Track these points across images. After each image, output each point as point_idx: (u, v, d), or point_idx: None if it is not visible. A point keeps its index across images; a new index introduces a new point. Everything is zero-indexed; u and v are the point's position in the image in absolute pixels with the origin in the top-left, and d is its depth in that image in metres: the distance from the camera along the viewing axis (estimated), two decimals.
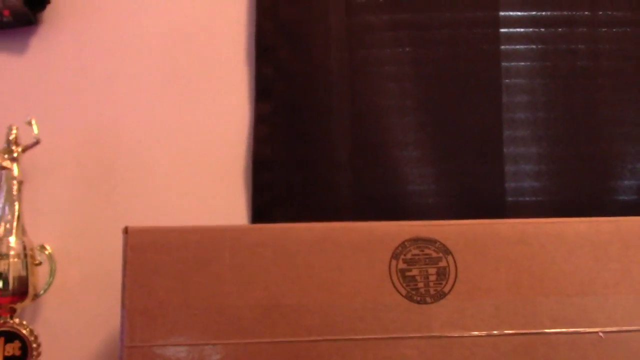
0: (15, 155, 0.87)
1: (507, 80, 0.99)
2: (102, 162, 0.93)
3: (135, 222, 0.75)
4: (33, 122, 0.88)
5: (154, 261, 0.64)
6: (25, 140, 0.88)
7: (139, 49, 0.95)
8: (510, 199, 0.97)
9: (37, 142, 0.88)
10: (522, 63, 0.99)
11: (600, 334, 0.65)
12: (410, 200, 0.96)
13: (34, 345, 0.82)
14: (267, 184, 0.94)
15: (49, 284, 0.87)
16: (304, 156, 0.95)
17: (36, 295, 0.85)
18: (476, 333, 0.65)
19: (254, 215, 0.93)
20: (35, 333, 0.83)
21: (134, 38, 0.95)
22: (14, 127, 0.87)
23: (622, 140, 0.98)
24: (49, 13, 0.95)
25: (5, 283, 0.82)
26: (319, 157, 0.95)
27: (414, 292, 0.65)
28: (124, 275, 0.64)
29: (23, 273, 0.83)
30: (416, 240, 0.66)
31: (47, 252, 0.87)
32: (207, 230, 0.66)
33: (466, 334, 0.65)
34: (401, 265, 0.65)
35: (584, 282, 0.66)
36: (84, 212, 0.91)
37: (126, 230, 0.65)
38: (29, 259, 0.84)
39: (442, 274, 0.66)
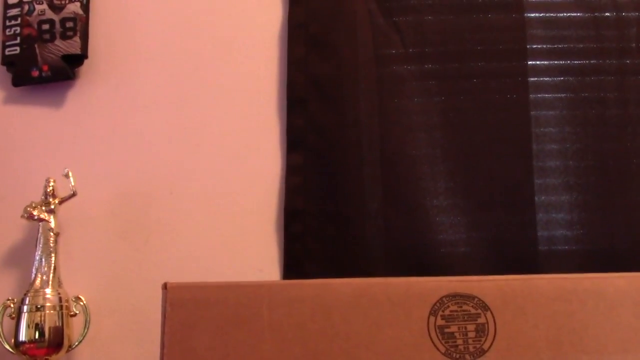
0: (52, 207, 0.88)
1: (536, 129, 0.99)
2: (136, 214, 0.94)
3: (168, 274, 0.76)
4: (70, 174, 0.89)
5: (193, 318, 0.64)
6: (62, 193, 0.89)
7: (173, 104, 0.97)
8: (542, 247, 0.96)
9: (73, 194, 0.89)
10: (552, 112, 1.00)
11: None
12: (442, 250, 0.96)
13: None
14: (299, 235, 0.94)
15: (84, 336, 0.87)
16: (335, 207, 0.95)
17: (70, 347, 0.86)
18: None
19: (286, 266, 0.93)
20: None
21: (168, 93, 0.97)
22: (52, 180, 0.89)
23: None
24: (86, 68, 0.97)
25: (41, 334, 0.83)
26: (350, 208, 0.95)
27: (453, 350, 0.64)
28: (163, 332, 0.64)
29: (58, 324, 0.84)
30: (454, 296, 0.66)
31: (82, 304, 0.88)
32: (245, 287, 0.66)
33: None
34: (439, 322, 0.65)
35: (624, 340, 0.66)
36: (117, 263, 0.92)
37: (165, 286, 0.65)
38: (64, 310, 0.85)
39: (481, 330, 0.65)
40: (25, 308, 0.83)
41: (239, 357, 0.64)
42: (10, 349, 0.84)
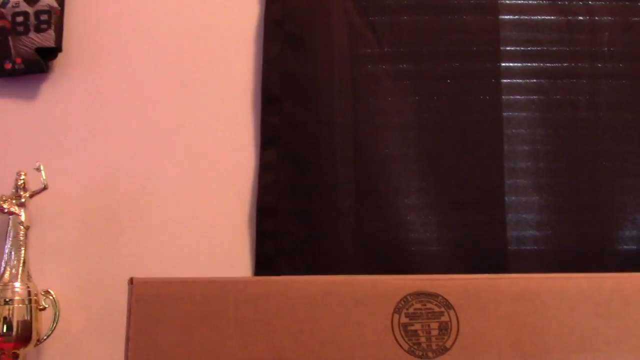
0: (23, 200, 0.88)
1: (508, 131, 1.00)
2: (108, 209, 0.94)
3: (139, 270, 0.76)
4: (41, 168, 0.89)
5: (158, 313, 0.65)
6: (33, 186, 0.89)
7: (146, 99, 0.97)
8: (511, 247, 0.97)
9: (44, 188, 0.89)
10: (524, 113, 1.01)
11: None
12: (413, 249, 0.97)
13: None
14: (270, 232, 0.95)
15: (52, 330, 0.87)
16: (307, 205, 0.96)
17: (39, 341, 0.86)
18: None
19: (257, 263, 0.94)
20: None
21: (141, 88, 0.97)
22: (23, 173, 0.89)
23: (622, 191, 0.99)
24: (60, 62, 0.97)
25: (9, 328, 0.83)
26: (322, 206, 0.96)
27: (416, 347, 0.65)
28: (128, 327, 0.64)
29: (27, 318, 0.84)
30: (418, 295, 0.67)
31: (51, 298, 0.88)
32: (211, 283, 0.66)
33: None
34: (403, 320, 0.66)
35: (585, 339, 0.67)
36: (88, 258, 0.92)
37: (131, 282, 0.66)
38: (33, 304, 0.85)
39: (444, 328, 0.66)
40: None
41: (204, 353, 0.64)
42: None
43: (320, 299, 0.66)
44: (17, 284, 0.84)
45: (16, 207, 0.87)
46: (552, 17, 1.03)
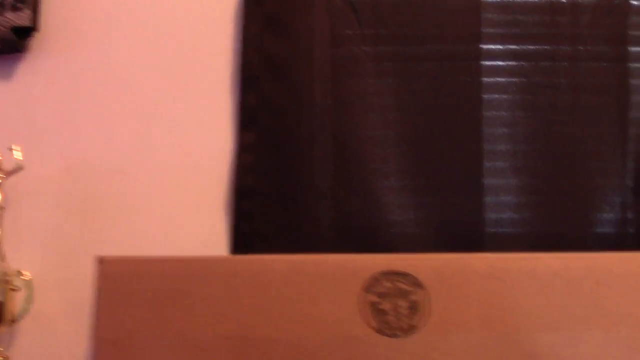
0: None
1: (487, 113, 1.00)
2: (84, 191, 0.93)
3: (116, 251, 0.76)
4: (17, 148, 0.88)
5: (127, 291, 0.64)
6: (9, 167, 0.88)
7: (124, 79, 0.96)
8: (489, 229, 0.97)
9: (19, 169, 0.88)
10: (504, 96, 1.01)
11: None
12: (391, 230, 0.96)
13: None
14: (248, 213, 0.94)
15: (26, 311, 0.86)
16: (285, 186, 0.96)
17: (12, 321, 0.85)
18: None
19: (234, 245, 0.93)
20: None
21: (118, 68, 0.96)
22: None
23: (601, 173, 0.99)
24: (36, 41, 0.96)
25: None
26: (300, 187, 0.96)
27: (385, 326, 0.65)
28: (97, 305, 0.64)
29: (0, 298, 0.83)
30: (388, 274, 0.67)
31: (25, 279, 0.88)
32: (180, 262, 0.66)
33: None
34: (373, 299, 0.66)
35: (554, 318, 0.67)
36: (64, 239, 0.91)
37: (100, 260, 0.65)
38: (6, 285, 0.84)
39: (414, 307, 0.66)
40: None
41: (172, 331, 0.64)
42: None
43: (290, 277, 0.66)
44: None
45: None
46: None
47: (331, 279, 0.66)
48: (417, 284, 0.67)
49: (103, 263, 0.65)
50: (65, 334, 0.88)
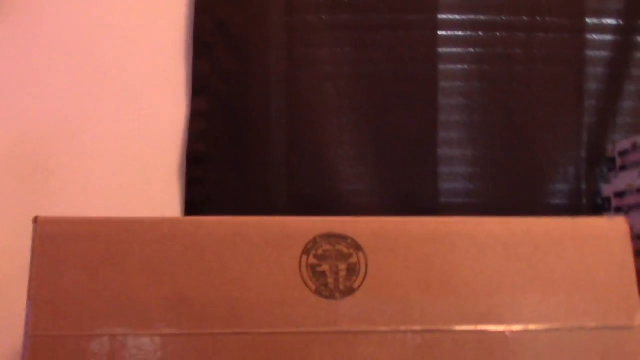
0: None
1: (443, 83, 1.00)
2: (36, 157, 0.92)
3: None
4: None
5: (62, 252, 0.64)
6: None
7: (77, 44, 0.95)
8: (443, 199, 0.98)
9: None
10: (460, 66, 1.01)
11: (507, 332, 0.66)
12: (345, 200, 0.97)
13: None
14: (200, 180, 0.94)
15: None
16: (238, 153, 0.95)
17: None
18: (383, 329, 0.65)
19: (186, 211, 0.93)
20: None
21: (70, 34, 0.95)
22: None
23: (555, 144, 1.00)
24: None
25: None
26: (254, 155, 0.95)
27: (323, 288, 0.65)
28: (32, 265, 0.63)
29: None
30: (328, 236, 0.67)
31: None
32: (117, 222, 0.66)
33: (373, 330, 0.65)
34: (312, 261, 0.66)
35: (492, 282, 0.67)
36: (16, 206, 0.90)
37: (35, 220, 0.65)
38: None
39: (352, 270, 0.66)
40: None
41: (109, 292, 0.63)
42: None
43: (229, 239, 0.66)
44: None
45: None
46: None
47: (271, 241, 0.66)
48: (356, 246, 0.67)
49: (38, 223, 0.64)
50: (19, 297, 0.87)
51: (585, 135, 1.00)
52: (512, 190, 0.99)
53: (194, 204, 0.93)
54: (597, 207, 0.98)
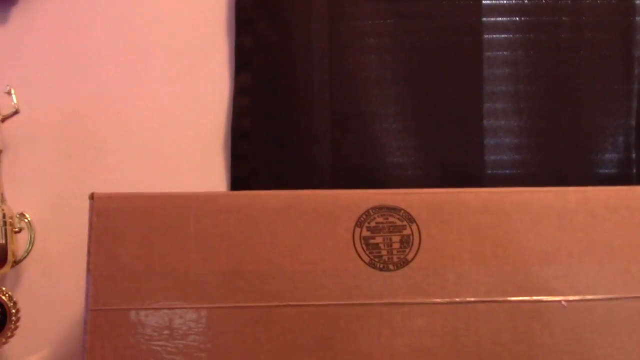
0: None
1: (488, 53, 0.98)
2: (82, 134, 0.93)
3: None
4: (12, 91, 0.88)
5: (118, 227, 0.65)
6: (5, 110, 0.88)
7: (120, 22, 0.95)
8: (489, 171, 0.97)
9: (16, 112, 0.88)
10: (504, 35, 0.99)
11: (563, 302, 0.66)
12: (389, 173, 0.96)
13: (13, 311, 0.84)
14: (245, 155, 0.94)
15: (28, 252, 0.88)
16: (282, 128, 0.95)
17: (15, 262, 0.87)
18: (438, 300, 0.65)
19: (232, 186, 0.94)
20: (15, 299, 0.84)
21: (115, 10, 0.95)
22: None
23: (603, 113, 0.98)
24: None
25: None
26: (297, 130, 0.95)
27: (377, 259, 0.65)
28: (90, 241, 0.65)
29: (2, 240, 0.84)
30: (380, 209, 0.67)
31: (26, 220, 0.89)
32: (172, 197, 0.66)
33: (428, 301, 0.65)
34: (365, 233, 0.66)
35: (547, 252, 0.67)
36: (63, 182, 0.92)
37: (92, 197, 0.66)
38: (8, 227, 0.85)
39: (405, 242, 0.66)
40: None
41: (165, 265, 0.64)
42: None
43: (282, 212, 0.66)
44: None
45: None
46: None
47: (323, 214, 0.66)
48: (409, 218, 0.66)
49: (94, 199, 0.65)
50: (67, 273, 0.89)
51: (635, 103, 0.98)
52: (560, 160, 0.97)
53: (239, 179, 0.94)
54: None
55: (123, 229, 0.65)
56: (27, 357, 0.88)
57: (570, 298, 0.66)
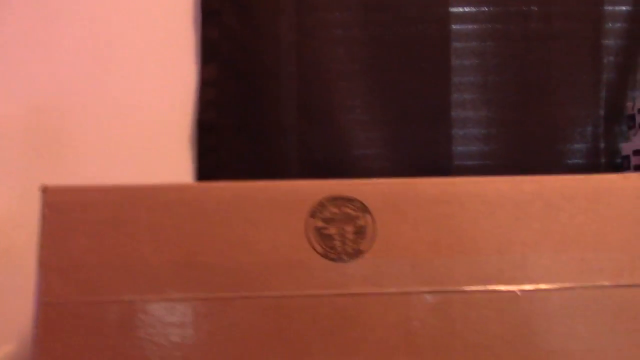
0: None
1: (456, 44, 0.98)
2: (48, 127, 0.93)
3: None
4: None
5: (71, 220, 0.64)
6: None
7: (86, 14, 0.95)
8: (457, 162, 0.97)
9: None
10: (472, 25, 0.98)
11: (517, 292, 0.65)
12: (357, 165, 0.96)
13: None
14: (212, 147, 0.94)
15: None
16: (249, 120, 0.95)
17: None
18: (392, 290, 0.65)
19: (199, 179, 0.93)
20: None
21: (79, 4, 0.95)
22: None
23: (572, 103, 0.98)
24: None
25: None
26: (264, 121, 0.95)
27: (330, 250, 0.65)
28: (41, 234, 0.64)
29: None
30: (335, 199, 0.66)
31: None
32: (123, 189, 0.66)
33: (382, 292, 0.65)
34: (318, 224, 0.65)
35: (502, 241, 0.66)
36: (29, 175, 0.91)
37: (44, 189, 0.65)
38: None
39: (360, 232, 0.66)
40: None
41: (117, 257, 0.64)
42: None
43: (235, 203, 0.66)
44: None
45: None
46: None
47: (276, 205, 0.66)
48: (363, 209, 0.66)
49: (46, 192, 0.65)
50: (32, 268, 0.89)
51: (604, 93, 0.98)
52: (529, 151, 0.97)
53: (206, 172, 0.93)
54: (616, 165, 0.95)
55: (75, 221, 0.64)
56: None
57: (526, 287, 0.66)
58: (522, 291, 0.65)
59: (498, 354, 0.64)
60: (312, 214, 0.66)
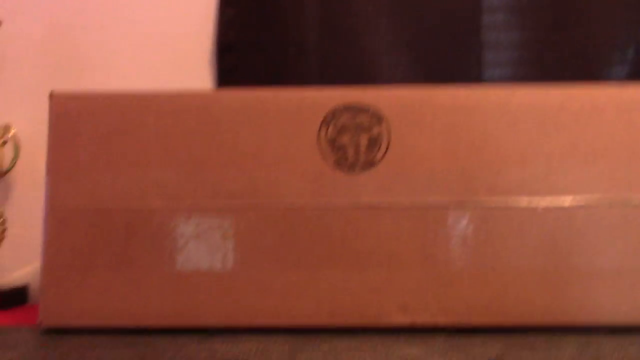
0: None
1: None
2: (68, 47, 0.92)
3: None
4: None
5: (78, 127, 0.64)
6: None
7: None
8: None
9: None
10: None
11: (540, 205, 0.62)
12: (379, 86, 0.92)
13: (0, 221, 0.84)
14: (232, 67, 0.92)
15: (14, 163, 0.88)
16: (270, 40, 0.92)
17: (2, 173, 0.87)
18: (406, 201, 0.62)
19: None
20: (1, 210, 0.85)
21: None
22: None
23: (612, 23, 0.91)
24: None
25: None
26: (286, 42, 0.92)
27: (342, 160, 0.63)
28: (49, 140, 0.64)
29: None
30: (348, 108, 0.63)
31: (10, 133, 0.88)
32: (132, 97, 0.64)
33: (395, 203, 0.62)
34: (331, 133, 0.63)
35: (526, 153, 0.63)
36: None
37: (51, 96, 0.64)
38: None
39: (373, 142, 0.63)
40: None
41: (123, 163, 0.63)
42: None
43: (244, 112, 0.64)
44: None
45: None
46: None
47: (287, 114, 0.63)
48: (378, 118, 0.63)
49: (53, 99, 0.64)
50: None
51: None
52: (564, 75, 0.92)
53: None
54: None
55: (82, 128, 0.64)
56: (16, 269, 0.89)
57: (547, 199, 0.62)
58: (545, 206, 0.62)
59: (516, 267, 0.61)
60: (324, 123, 0.63)
